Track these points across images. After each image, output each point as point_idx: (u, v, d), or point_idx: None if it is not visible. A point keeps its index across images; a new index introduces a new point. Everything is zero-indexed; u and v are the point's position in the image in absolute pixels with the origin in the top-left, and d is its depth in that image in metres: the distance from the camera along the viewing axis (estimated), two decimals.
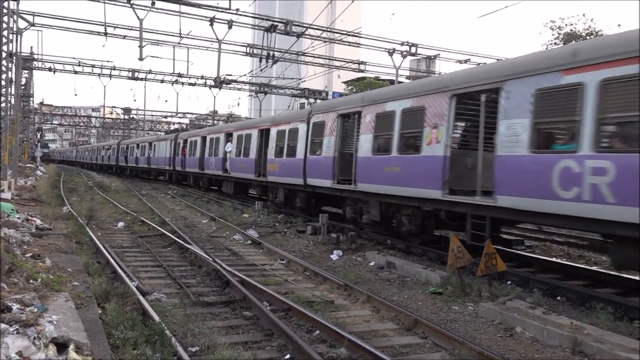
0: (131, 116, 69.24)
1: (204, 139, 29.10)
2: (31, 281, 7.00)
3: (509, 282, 9.12)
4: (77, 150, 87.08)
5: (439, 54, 30.97)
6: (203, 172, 29.00)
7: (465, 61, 30.80)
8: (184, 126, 48.32)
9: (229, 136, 25.13)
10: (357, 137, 13.77)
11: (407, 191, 11.40)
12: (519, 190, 8.65)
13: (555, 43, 34.49)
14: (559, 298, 8.37)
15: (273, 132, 19.57)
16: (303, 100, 38.58)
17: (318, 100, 36.03)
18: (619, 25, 42.91)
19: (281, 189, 19.01)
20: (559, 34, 35.02)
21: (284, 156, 18.21)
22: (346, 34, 28.86)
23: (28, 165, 41.89)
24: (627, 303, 7.67)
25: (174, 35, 26.32)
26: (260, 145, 20.93)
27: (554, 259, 11.73)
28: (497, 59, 24.47)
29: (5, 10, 19.73)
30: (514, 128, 8.76)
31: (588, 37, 31.82)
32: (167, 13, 23.47)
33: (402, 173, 11.52)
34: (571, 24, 34.92)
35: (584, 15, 57.77)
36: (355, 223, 14.43)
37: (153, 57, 38.28)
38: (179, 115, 59.07)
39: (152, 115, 70.37)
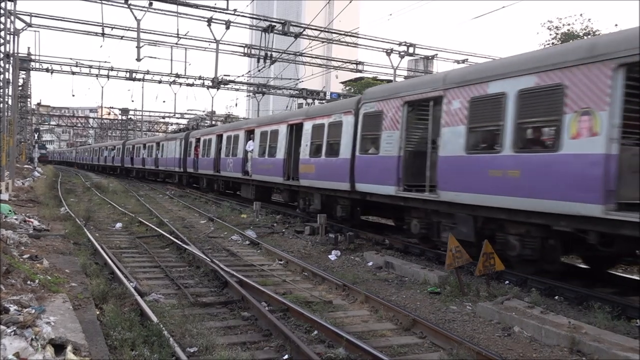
0: (129, 117, 69.18)
1: (219, 137, 26.14)
2: (29, 282, 6.99)
3: (507, 282, 9.15)
4: (76, 151, 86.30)
5: (436, 54, 31.01)
6: (218, 175, 26.11)
7: (463, 61, 30.86)
8: (183, 127, 48.08)
9: (250, 133, 22.08)
10: (436, 130, 10.95)
11: (530, 204, 8.47)
12: None
13: (552, 43, 34.59)
14: (556, 297, 8.38)
15: (307, 127, 16.57)
16: (301, 100, 38.57)
17: (316, 101, 35.98)
18: (616, 25, 43.06)
19: (317, 194, 16.27)
20: (557, 34, 35.15)
21: (322, 155, 15.40)
22: (344, 34, 28.91)
23: (26, 166, 41.80)
24: (625, 302, 7.68)
25: (171, 36, 26.28)
26: (289, 143, 18.02)
27: None
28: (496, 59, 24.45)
29: (2, 11, 19.68)
30: None
31: (586, 37, 31.90)
32: (164, 13, 23.46)
33: (523, 179, 8.58)
34: (568, 24, 35.07)
35: (581, 15, 57.82)
36: (428, 241, 11.78)
37: (151, 57, 38.28)
38: (177, 115, 59.11)
39: (149, 115, 70.46)
